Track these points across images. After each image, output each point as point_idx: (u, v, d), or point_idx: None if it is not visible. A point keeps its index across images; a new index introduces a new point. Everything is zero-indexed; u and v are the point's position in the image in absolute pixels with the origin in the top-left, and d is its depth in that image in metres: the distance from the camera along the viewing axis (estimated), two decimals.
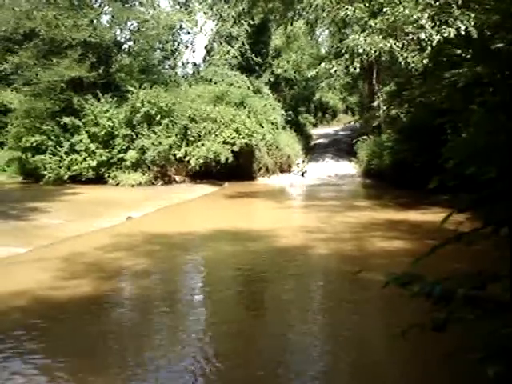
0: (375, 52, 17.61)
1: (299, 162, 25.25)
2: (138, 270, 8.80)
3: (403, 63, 18.00)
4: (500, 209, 2.37)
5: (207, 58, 28.77)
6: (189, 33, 28.74)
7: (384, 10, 17.15)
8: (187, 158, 21.37)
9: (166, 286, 8.29)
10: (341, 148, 30.82)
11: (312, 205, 15.95)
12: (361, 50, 17.34)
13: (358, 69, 19.16)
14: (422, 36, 16.21)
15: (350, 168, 25.39)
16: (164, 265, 9.30)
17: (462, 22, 14.53)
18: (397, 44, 17.32)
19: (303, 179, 22.98)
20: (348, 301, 7.27)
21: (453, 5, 14.56)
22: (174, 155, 21.49)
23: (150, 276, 8.59)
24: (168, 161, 21.56)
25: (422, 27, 16.33)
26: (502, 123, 3.04)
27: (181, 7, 27.91)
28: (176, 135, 21.51)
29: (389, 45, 17.06)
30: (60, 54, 21.58)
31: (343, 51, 18.98)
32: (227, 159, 20.90)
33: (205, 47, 29.57)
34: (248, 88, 25.38)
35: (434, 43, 15.36)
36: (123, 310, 7.15)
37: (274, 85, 29.20)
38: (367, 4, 18.07)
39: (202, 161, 21.02)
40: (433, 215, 11.76)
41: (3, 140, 25.24)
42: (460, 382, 4.54)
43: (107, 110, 21.72)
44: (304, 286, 8.12)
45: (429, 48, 15.95)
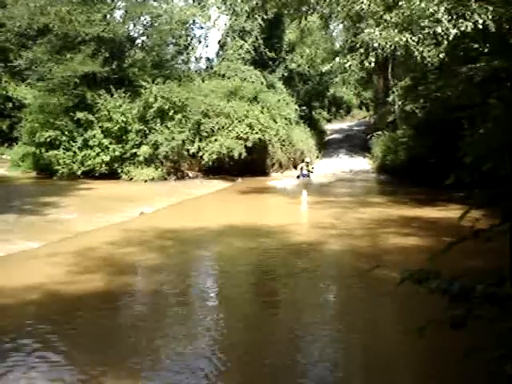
0: (390, 46, 17.38)
1: (303, 165, 22.01)
2: (151, 265, 8.79)
3: (419, 58, 17.75)
4: None
5: (220, 53, 28.69)
6: (202, 27, 28.72)
7: (399, 4, 16.90)
8: (200, 154, 21.32)
9: (179, 281, 8.26)
10: (355, 144, 30.62)
11: (326, 201, 15.83)
12: (376, 45, 17.13)
13: (373, 63, 18.94)
14: (439, 30, 15.96)
15: (365, 164, 25.21)
16: (176, 260, 9.28)
17: (480, 16, 14.27)
18: (412, 38, 17.09)
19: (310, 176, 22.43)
20: (361, 297, 7.19)
21: None
22: (187, 150, 21.47)
23: (163, 271, 8.56)
24: (181, 156, 21.54)
25: (439, 21, 16.08)
26: None
27: (194, 2, 27.82)
28: (189, 130, 21.46)
29: (404, 39, 16.82)
30: (73, 50, 21.61)
31: (358, 46, 18.77)
32: (240, 155, 20.82)
33: (218, 42, 29.51)
34: (261, 83, 25.27)
35: (451, 37, 15.13)
36: (136, 304, 7.14)
37: (288, 80, 29.03)
38: None
39: (215, 156, 20.96)
40: (448, 212, 11.60)
41: (17, 135, 25.41)
42: (477, 380, 4.45)
43: (120, 105, 21.71)
44: (317, 283, 8.04)
45: (445, 42, 15.71)
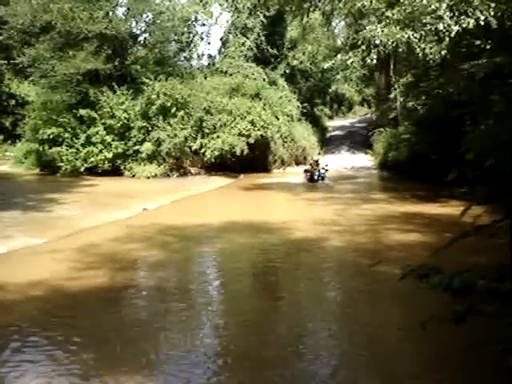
0: (392, 43, 17.38)
1: (314, 165, 20.27)
2: (153, 262, 8.84)
3: (421, 54, 17.74)
4: None
5: (222, 50, 28.70)
6: (204, 24, 28.76)
7: (401, 1, 16.91)
8: (202, 150, 21.37)
9: (181, 277, 8.32)
10: (357, 140, 30.64)
11: (327, 197, 15.86)
12: (378, 42, 17.13)
13: (375, 60, 18.94)
14: (440, 27, 15.95)
15: (366, 160, 25.22)
16: (179, 256, 9.32)
17: (482, 12, 14.25)
18: (414, 35, 17.08)
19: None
20: (363, 292, 7.22)
21: None
22: (190, 147, 21.51)
23: (165, 267, 8.61)
24: (183, 153, 21.58)
25: (441, 18, 16.07)
26: None
27: None
28: (191, 127, 21.51)
29: (406, 36, 16.82)
30: (76, 47, 21.68)
31: (360, 42, 18.77)
32: (242, 151, 20.87)
33: (220, 39, 29.54)
34: (263, 80, 25.30)
35: (453, 34, 15.11)
36: (139, 300, 7.17)
37: (290, 76, 29.03)
38: None
39: (218, 153, 21.01)
40: (450, 208, 11.61)
41: (20, 132, 25.49)
42: (479, 374, 4.48)
43: (123, 102, 21.77)
44: (319, 278, 8.07)
45: (447, 39, 15.70)
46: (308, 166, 20.57)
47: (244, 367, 5.02)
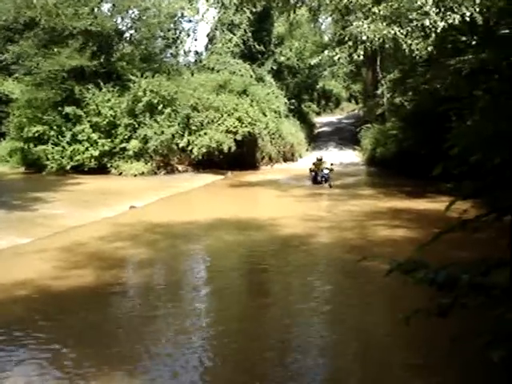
0: (379, 39, 17.44)
1: (317, 164, 17.97)
2: (141, 260, 8.79)
3: (407, 50, 17.80)
4: (504, 196, 2.32)
5: (209, 47, 28.58)
6: (190, 21, 28.54)
7: None
8: (190, 147, 21.27)
9: (169, 275, 8.28)
10: (344, 136, 30.71)
11: (315, 193, 15.89)
12: (364, 38, 17.18)
13: (362, 56, 19.00)
14: (427, 23, 16.02)
15: (354, 156, 25.29)
16: (166, 254, 9.27)
17: (467, 8, 14.32)
18: (401, 31, 17.14)
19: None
20: (351, 288, 7.24)
21: None
22: (177, 144, 21.40)
23: (153, 265, 8.57)
24: (171, 150, 21.47)
25: (427, 14, 16.14)
26: (508, 110, 2.97)
27: None
28: (178, 124, 21.39)
29: (393, 32, 16.89)
30: (61, 43, 21.42)
31: (346, 39, 18.80)
32: (230, 148, 20.81)
33: (207, 35, 29.39)
34: (251, 76, 25.23)
35: (439, 30, 15.17)
36: (126, 299, 7.12)
37: (277, 73, 28.99)
38: None
39: (205, 150, 20.93)
40: (438, 204, 11.64)
41: (5, 130, 25.17)
42: (467, 367, 4.50)
43: (109, 100, 21.59)
44: (307, 275, 8.07)
45: (433, 35, 15.76)
46: (312, 165, 18.18)
47: (231, 366, 5.00)
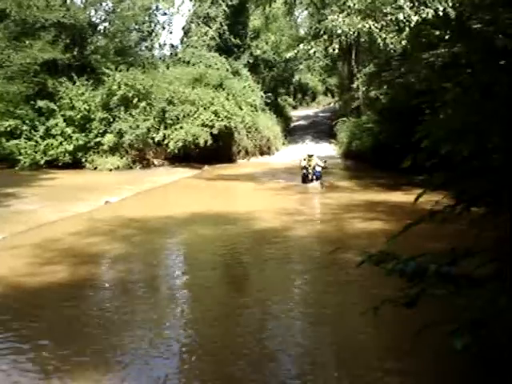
0: (354, 33, 17.55)
1: (308, 161, 15.76)
2: (116, 255, 8.71)
3: (382, 44, 17.96)
4: (472, 187, 2.36)
5: (185, 40, 28.39)
6: (165, 14, 28.26)
7: None
8: (166, 141, 21.11)
9: (145, 270, 8.22)
10: (321, 130, 30.85)
11: (291, 186, 15.93)
12: (339, 31, 17.28)
13: (337, 50, 19.09)
14: (401, 17, 16.18)
15: (330, 150, 25.41)
16: (142, 249, 9.21)
17: (440, 3, 14.50)
18: (375, 25, 17.29)
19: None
20: (327, 280, 7.30)
21: None
22: (153, 138, 21.21)
23: (128, 260, 8.50)
24: (146, 144, 21.27)
25: (401, 8, 16.29)
26: (478, 104, 3.02)
27: None
28: (154, 118, 21.21)
29: (367, 26, 17.02)
30: (33, 36, 20.99)
31: (322, 32, 18.87)
32: (206, 142, 20.72)
33: (182, 28, 29.22)
34: (227, 70, 25.13)
35: (413, 24, 15.32)
36: (101, 295, 7.06)
37: (253, 66, 28.95)
38: None
39: (181, 144, 20.79)
40: (413, 196, 11.51)
41: None
42: (438, 355, 4.58)
43: (83, 93, 21.26)
44: (283, 267, 8.11)
45: (407, 29, 15.92)
46: (303, 162, 15.95)
47: (209, 362, 4.99)
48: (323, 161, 16.33)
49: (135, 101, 21.04)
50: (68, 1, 22.55)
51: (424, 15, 14.59)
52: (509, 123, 2.75)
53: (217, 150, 21.65)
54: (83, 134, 21.13)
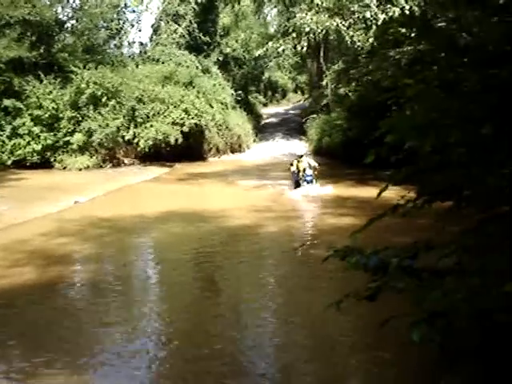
0: (322, 31, 17.69)
1: (297, 165, 13.84)
2: (86, 255, 8.62)
3: (350, 42, 18.14)
4: (432, 181, 2.43)
5: (154, 38, 28.11)
6: (134, 11, 28.02)
7: None
8: (136, 140, 20.91)
9: (115, 270, 8.15)
10: (291, 127, 30.99)
11: (263, 184, 15.98)
12: (307, 29, 17.40)
13: (306, 48, 19.23)
14: (368, 15, 16.39)
15: (301, 146, 25.53)
16: (113, 249, 9.13)
17: (406, 2, 14.72)
18: (343, 23, 17.46)
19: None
20: (297, 276, 7.37)
21: None
22: (123, 137, 20.98)
23: (98, 260, 8.42)
24: (116, 143, 21.04)
25: (368, 6, 16.50)
26: (439, 99, 3.10)
27: None
28: (124, 117, 20.98)
29: (335, 23, 17.18)
30: None
31: (291, 30, 18.97)
32: (177, 140, 20.62)
33: (151, 26, 28.89)
34: (196, 68, 25.00)
35: (379, 22, 15.54)
36: (70, 296, 6.97)
37: (223, 64, 28.89)
38: None
39: (151, 142, 20.64)
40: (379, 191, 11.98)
41: None
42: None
43: (50, 92, 20.90)
44: (255, 264, 8.16)
45: (374, 27, 16.11)
46: (293, 167, 14.04)
47: (184, 361, 4.99)
48: (318, 164, 14.30)
49: (104, 99, 20.79)
50: None
51: (390, 13, 14.81)
52: (469, 118, 2.83)
53: (188, 149, 21.56)
54: (51, 134, 20.78)
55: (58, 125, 20.91)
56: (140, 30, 36.55)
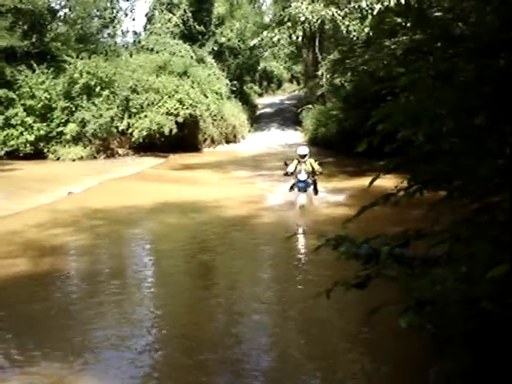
0: (317, 20, 17.58)
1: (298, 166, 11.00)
2: (80, 246, 8.58)
3: (345, 32, 18.05)
4: (424, 170, 2.42)
5: (148, 27, 27.95)
6: (128, 0, 27.80)
7: None
8: (130, 130, 20.83)
9: (110, 261, 8.14)
10: (286, 117, 30.94)
11: (258, 175, 15.95)
12: (303, 18, 17.29)
13: (301, 37, 19.13)
14: (363, 4, 16.29)
15: (296, 137, 25.54)
16: (107, 240, 9.09)
17: None
18: (338, 12, 17.35)
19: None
20: (290, 265, 7.39)
21: None
22: (116, 127, 20.89)
23: (92, 252, 8.38)
24: (110, 133, 20.93)
25: None
26: (433, 89, 3.07)
27: None
28: (117, 107, 20.86)
29: (330, 13, 17.07)
30: None
31: (286, 19, 18.85)
32: (171, 131, 20.54)
33: (145, 15, 28.75)
34: (191, 57, 24.86)
35: (375, 12, 15.44)
36: (64, 288, 6.93)
37: (218, 54, 28.74)
38: None
39: (146, 133, 20.55)
40: (378, 181, 11.95)
41: None
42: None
43: (43, 82, 20.74)
44: (249, 254, 8.18)
45: (370, 17, 16.03)
46: (291, 168, 11.17)
47: (178, 354, 4.98)
48: (320, 168, 11.41)
49: (98, 89, 20.66)
50: None
51: (386, 3, 14.71)
52: (463, 108, 2.81)
53: (182, 139, 21.49)
54: (45, 124, 20.67)
55: (51, 115, 20.79)
56: (134, 19, 36.33)
